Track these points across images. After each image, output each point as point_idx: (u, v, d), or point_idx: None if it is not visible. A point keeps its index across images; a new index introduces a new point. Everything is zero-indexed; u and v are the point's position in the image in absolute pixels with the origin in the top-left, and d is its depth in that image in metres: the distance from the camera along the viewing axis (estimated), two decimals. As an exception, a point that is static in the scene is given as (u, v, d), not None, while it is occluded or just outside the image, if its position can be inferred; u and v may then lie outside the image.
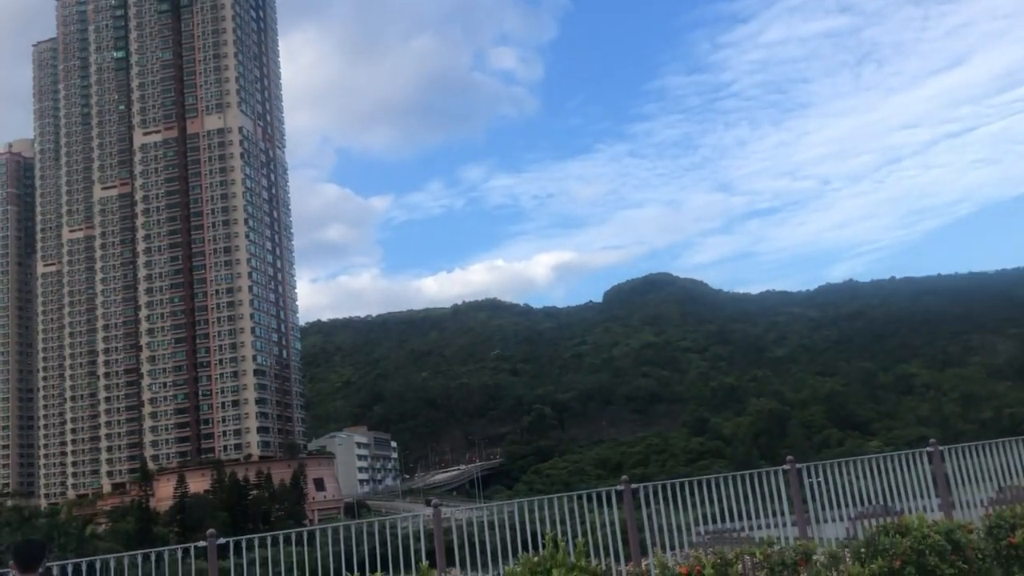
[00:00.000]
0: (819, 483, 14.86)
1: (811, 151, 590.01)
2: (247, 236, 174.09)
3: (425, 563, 11.90)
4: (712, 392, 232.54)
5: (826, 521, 14.73)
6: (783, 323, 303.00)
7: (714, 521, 14.73)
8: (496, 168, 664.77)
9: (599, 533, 13.63)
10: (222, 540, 12.17)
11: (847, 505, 14.95)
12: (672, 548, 13.90)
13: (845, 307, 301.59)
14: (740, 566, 12.92)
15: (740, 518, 14.61)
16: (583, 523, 13.85)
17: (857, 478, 15.09)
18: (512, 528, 13.74)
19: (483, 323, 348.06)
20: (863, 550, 13.20)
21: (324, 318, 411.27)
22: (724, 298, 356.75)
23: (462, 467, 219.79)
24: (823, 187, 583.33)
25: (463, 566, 13.18)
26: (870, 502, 15.03)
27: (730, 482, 14.60)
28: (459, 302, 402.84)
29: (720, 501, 14.61)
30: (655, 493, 14.27)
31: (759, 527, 14.63)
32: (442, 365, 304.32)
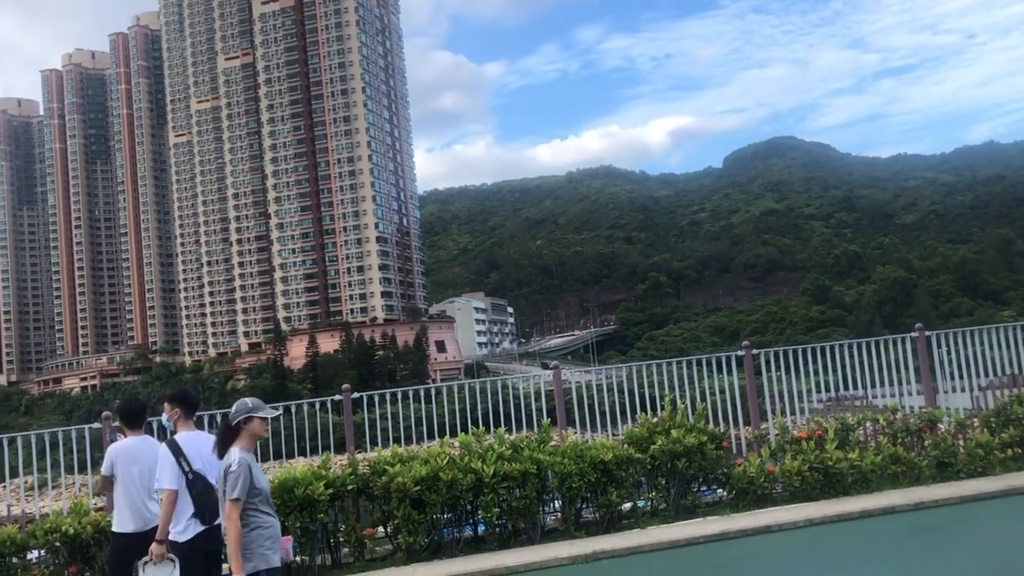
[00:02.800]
0: (947, 352, 14.47)
1: (954, 2, 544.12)
2: (365, 105, 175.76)
3: (547, 420, 12.39)
4: (835, 260, 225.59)
5: (952, 391, 14.42)
6: (914, 188, 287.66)
7: (836, 389, 14.62)
8: (612, 29, 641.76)
9: (717, 398, 13.78)
10: (356, 394, 12.93)
11: (975, 375, 14.55)
12: (792, 414, 13.95)
13: (983, 171, 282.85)
14: (862, 431, 12.91)
15: (862, 387, 14.46)
16: (699, 388, 13.99)
17: (988, 348, 14.59)
18: (628, 392, 14.03)
19: (597, 191, 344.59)
20: (993, 419, 12.94)
21: (440, 187, 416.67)
22: (851, 162, 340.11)
23: (576, 332, 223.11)
24: (966, 41, 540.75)
25: (582, 425, 13.62)
26: (1001, 373, 14.58)
27: (853, 349, 14.39)
28: (573, 169, 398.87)
29: (842, 369, 14.46)
30: (775, 359, 14.24)
31: (882, 396, 14.47)
32: (556, 233, 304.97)
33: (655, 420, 12.46)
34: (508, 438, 11.88)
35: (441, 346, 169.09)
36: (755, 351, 14.12)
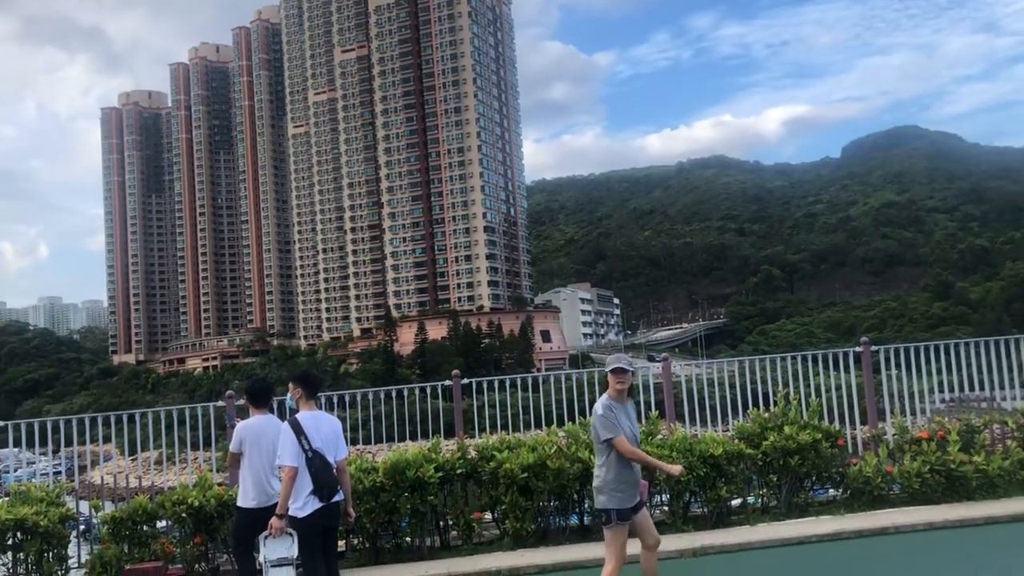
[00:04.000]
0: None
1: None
2: (476, 96, 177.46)
3: (655, 413, 12.31)
4: (960, 255, 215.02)
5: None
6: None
7: (959, 389, 14.00)
8: (726, 15, 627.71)
9: (832, 395, 13.40)
10: (465, 380, 13.15)
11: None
12: (911, 414, 13.45)
13: None
14: (988, 434, 12.35)
15: (988, 388, 13.80)
16: (812, 385, 13.62)
17: None
18: (738, 387, 13.78)
19: (709, 181, 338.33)
20: None
21: (548, 177, 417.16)
22: (980, 153, 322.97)
23: (684, 325, 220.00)
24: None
25: (690, 420, 13.46)
26: None
27: (980, 348, 13.74)
28: (683, 159, 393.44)
29: (966, 368, 13.83)
30: (894, 356, 13.74)
31: (1011, 398, 13.78)
32: (665, 224, 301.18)
33: (767, 416, 12.23)
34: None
35: (546, 336, 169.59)
36: (873, 348, 13.65)
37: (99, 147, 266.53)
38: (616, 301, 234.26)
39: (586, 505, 11.37)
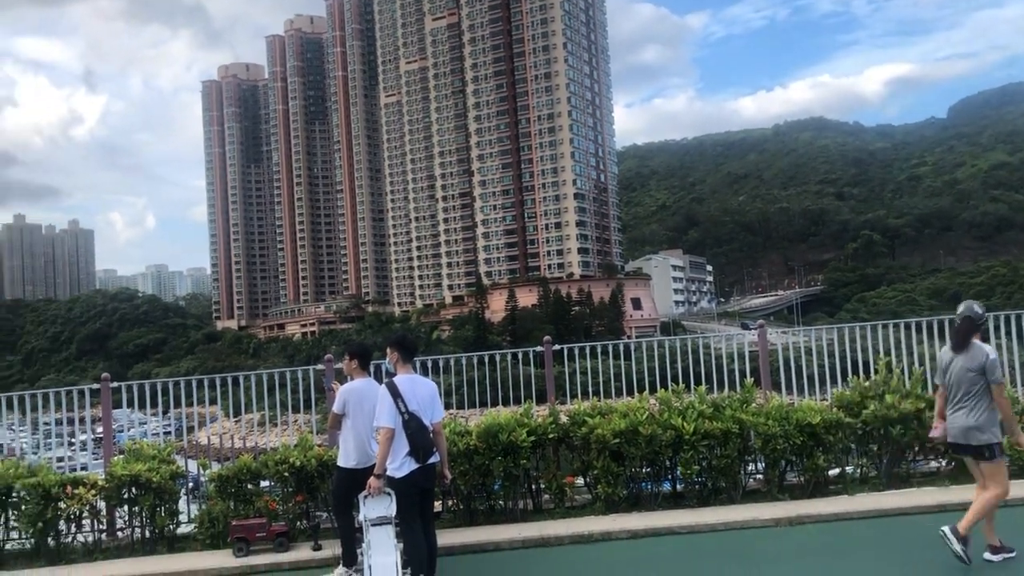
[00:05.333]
0: None
1: None
2: (566, 61, 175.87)
3: (750, 380, 12.12)
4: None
5: None
6: None
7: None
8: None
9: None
10: (557, 346, 13.18)
11: None
12: (1022, 384, 12.88)
13: None
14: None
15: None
16: (915, 354, 13.16)
17: None
18: (836, 355, 13.42)
19: (806, 144, 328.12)
20: None
21: (639, 142, 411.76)
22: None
23: (780, 292, 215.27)
24: None
25: (787, 388, 13.19)
26: None
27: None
28: (780, 122, 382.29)
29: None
30: (1004, 324, 13.15)
31: None
32: (760, 188, 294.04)
33: (868, 384, 11.92)
34: (709, 397, 11.77)
35: (637, 303, 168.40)
36: (982, 315, 13.05)
37: (200, 120, 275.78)
38: (709, 268, 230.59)
39: (678, 472, 11.32)
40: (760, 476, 11.77)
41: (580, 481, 11.57)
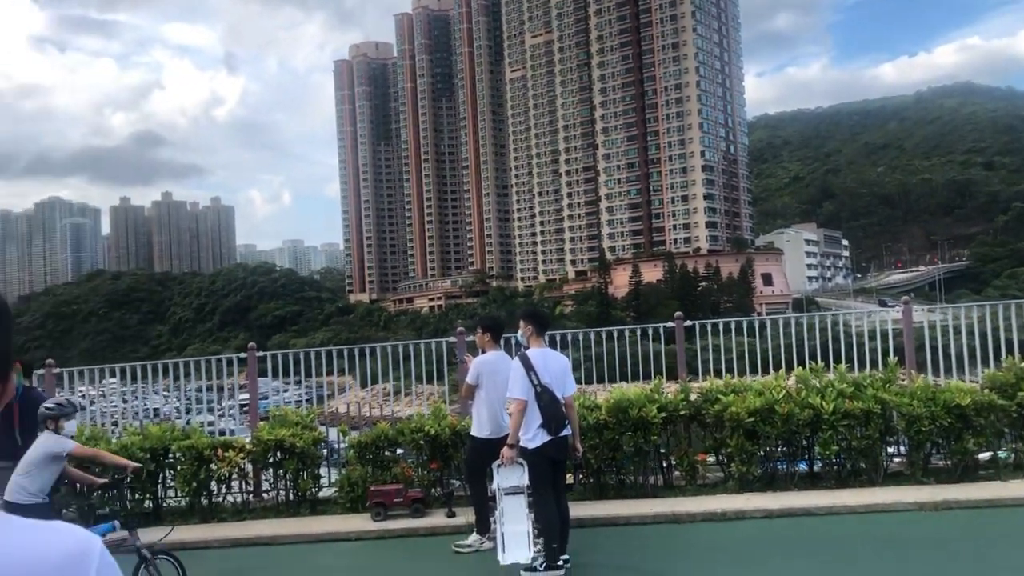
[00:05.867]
0: None
1: None
2: (694, 30, 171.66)
3: (893, 359, 11.64)
4: None
5: None
6: None
7: None
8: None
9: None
10: (688, 322, 12.99)
11: None
12: None
13: None
14: None
15: None
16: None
17: None
18: (989, 333, 12.69)
19: (952, 111, 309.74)
20: None
21: (771, 112, 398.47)
22: None
23: (921, 268, 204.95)
24: None
25: (934, 368, 12.60)
26: None
27: None
28: (923, 88, 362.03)
29: None
30: None
31: None
32: (901, 159, 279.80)
33: (1023, 364, 11.24)
34: (849, 375, 11.39)
35: (768, 279, 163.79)
36: None
37: (332, 98, 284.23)
38: (844, 242, 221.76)
39: (816, 452, 11.01)
40: (902, 458, 11.33)
41: (712, 459, 11.43)
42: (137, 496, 11.76)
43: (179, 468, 11.86)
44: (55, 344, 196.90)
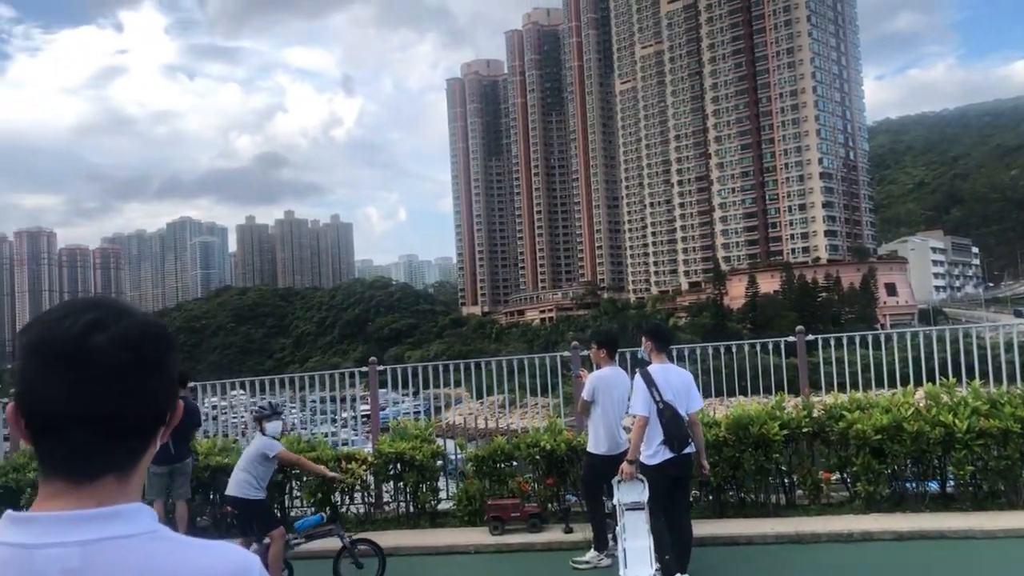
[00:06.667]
0: None
1: None
2: (810, 34, 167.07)
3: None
4: None
5: None
6: None
7: None
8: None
9: None
10: (810, 336, 12.63)
11: None
12: None
13: None
14: None
15: None
16: None
17: None
18: None
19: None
20: None
21: (892, 115, 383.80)
22: None
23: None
24: None
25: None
26: None
27: None
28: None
29: None
30: None
31: None
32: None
33: None
34: (984, 392, 10.84)
35: (891, 289, 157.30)
36: None
37: (445, 116, 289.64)
38: (974, 250, 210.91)
39: (948, 472, 10.51)
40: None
41: (836, 477, 11.07)
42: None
43: (305, 479, 12.28)
44: (186, 357, 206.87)
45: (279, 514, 11.66)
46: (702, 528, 9.95)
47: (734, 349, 13.33)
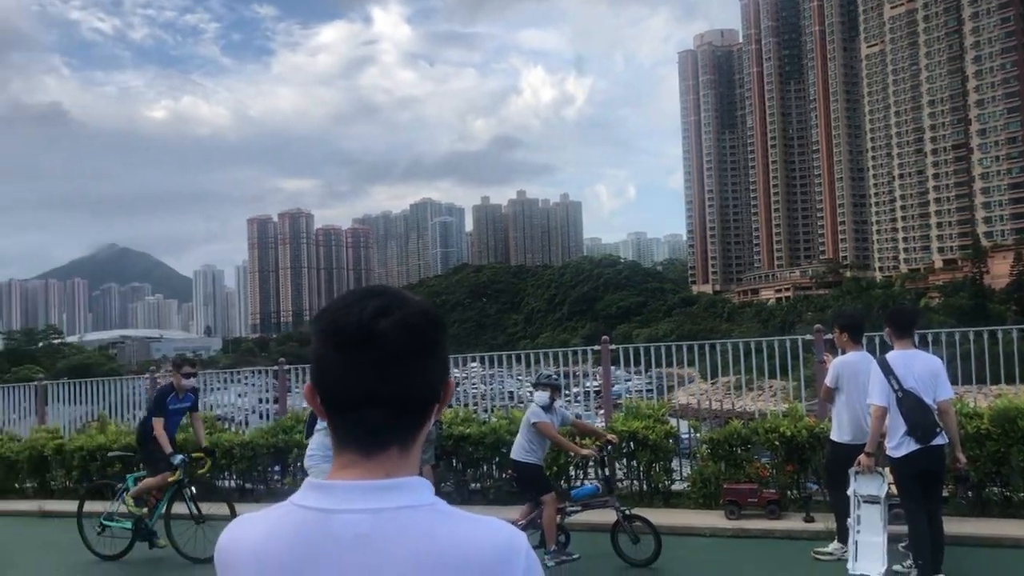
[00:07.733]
0: None
1: None
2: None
3: None
4: None
5: None
6: None
7: None
8: None
9: None
10: (1091, 323, 11.32)
11: None
12: None
13: None
14: None
15: None
16: None
17: None
18: None
19: None
20: None
21: None
22: None
23: None
24: None
25: None
26: None
27: None
28: None
29: None
30: None
31: None
32: None
33: None
34: None
35: None
36: None
37: (676, 90, 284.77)
38: None
39: None
40: None
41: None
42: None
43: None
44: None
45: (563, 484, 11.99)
46: (959, 526, 9.28)
47: (999, 335, 12.03)
